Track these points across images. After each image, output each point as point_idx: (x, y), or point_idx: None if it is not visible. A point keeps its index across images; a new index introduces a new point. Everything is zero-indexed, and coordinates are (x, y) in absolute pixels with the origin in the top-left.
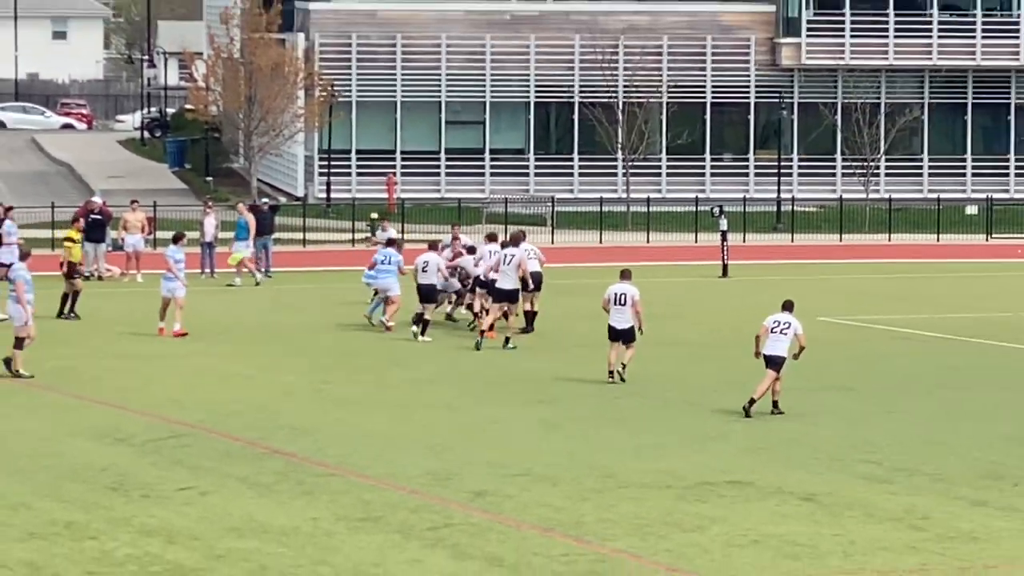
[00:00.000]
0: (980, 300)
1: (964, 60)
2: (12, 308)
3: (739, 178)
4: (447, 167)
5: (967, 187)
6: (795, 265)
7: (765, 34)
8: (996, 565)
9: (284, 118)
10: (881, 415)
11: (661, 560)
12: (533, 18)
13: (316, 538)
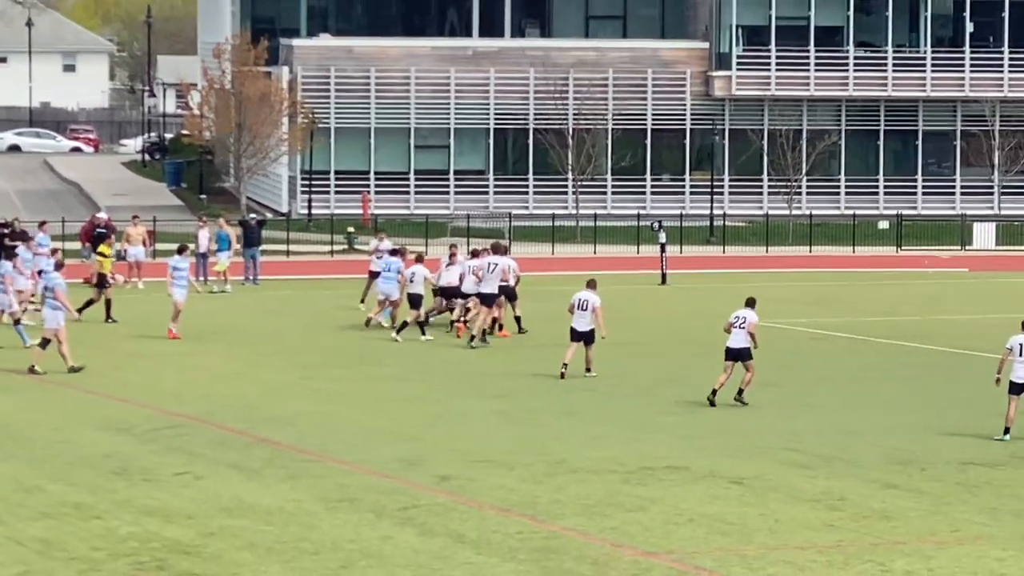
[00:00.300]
0: (891, 305)
1: (877, 91)
2: (48, 312)
3: (676, 196)
4: (416, 186)
5: (879, 204)
6: (726, 274)
7: (699, 68)
8: (905, 542)
9: (270, 142)
10: (802, 408)
11: (606, 537)
12: (493, 53)
13: (298, 517)
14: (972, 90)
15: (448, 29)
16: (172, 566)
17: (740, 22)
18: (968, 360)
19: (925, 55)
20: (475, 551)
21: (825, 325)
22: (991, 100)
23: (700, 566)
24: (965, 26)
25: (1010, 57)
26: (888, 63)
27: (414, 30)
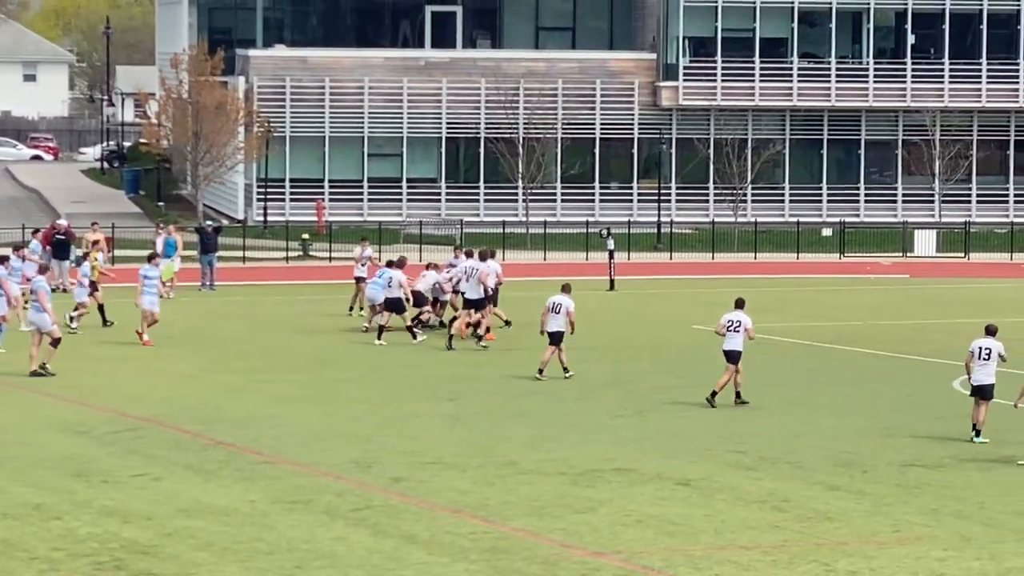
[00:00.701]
0: (834, 311)
1: (820, 101)
2: (34, 315)
3: (624, 204)
4: (369, 193)
5: (823, 212)
6: (673, 280)
7: (647, 78)
8: (847, 542)
9: (226, 150)
10: (748, 411)
11: (556, 537)
12: (445, 64)
13: (254, 518)
14: (913, 100)
15: (401, 40)
16: (130, 566)
17: (687, 33)
18: (909, 364)
19: (867, 66)
20: (427, 552)
21: (770, 330)
22: (932, 110)
23: (648, 566)
24: (907, 38)
25: (950, 68)
26: (831, 74)
27: (368, 41)
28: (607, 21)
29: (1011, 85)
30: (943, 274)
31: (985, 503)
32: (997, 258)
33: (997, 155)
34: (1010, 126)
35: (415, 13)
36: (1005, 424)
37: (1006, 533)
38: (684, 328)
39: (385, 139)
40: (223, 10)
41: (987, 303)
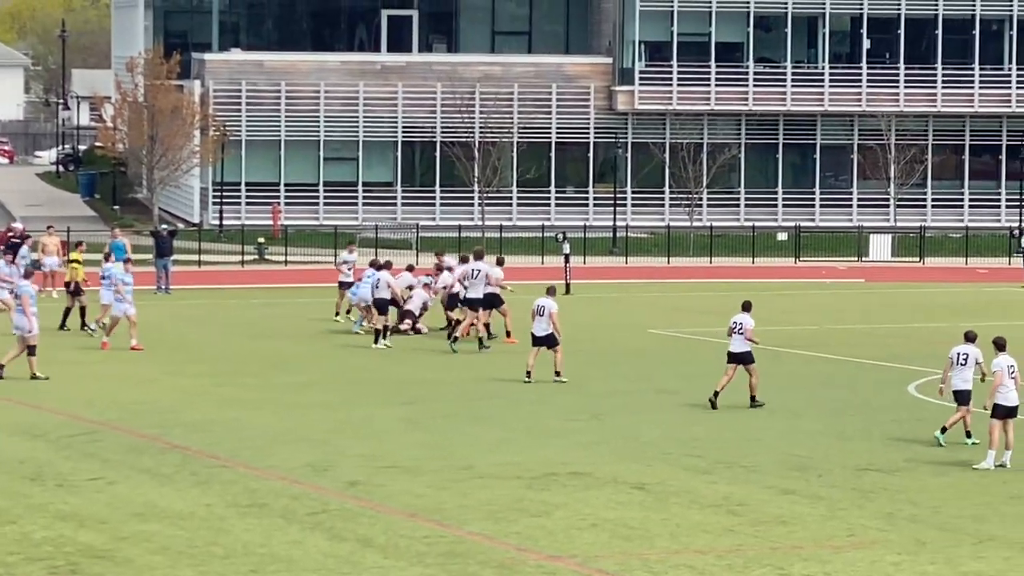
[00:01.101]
0: (789, 315)
1: (776, 106)
2: (18, 319)
3: (580, 208)
4: (325, 197)
5: (778, 216)
6: (629, 284)
7: (603, 83)
8: (802, 546)
9: (182, 154)
10: (703, 415)
11: (511, 541)
12: (401, 68)
13: (210, 522)
14: (869, 105)
15: (357, 44)
16: (85, 570)
17: (643, 38)
18: (864, 368)
19: (823, 71)
20: (383, 555)
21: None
22: (887, 115)
23: (603, 570)
24: (862, 43)
25: (905, 73)
26: (787, 78)
27: (324, 45)
28: (563, 25)
29: (966, 90)
30: (898, 278)
31: (940, 507)
32: (952, 262)
33: (952, 160)
34: (965, 131)
35: (371, 17)
36: (959, 428)
37: (961, 537)
38: (640, 332)
39: (341, 143)
40: (179, 14)
41: (942, 307)
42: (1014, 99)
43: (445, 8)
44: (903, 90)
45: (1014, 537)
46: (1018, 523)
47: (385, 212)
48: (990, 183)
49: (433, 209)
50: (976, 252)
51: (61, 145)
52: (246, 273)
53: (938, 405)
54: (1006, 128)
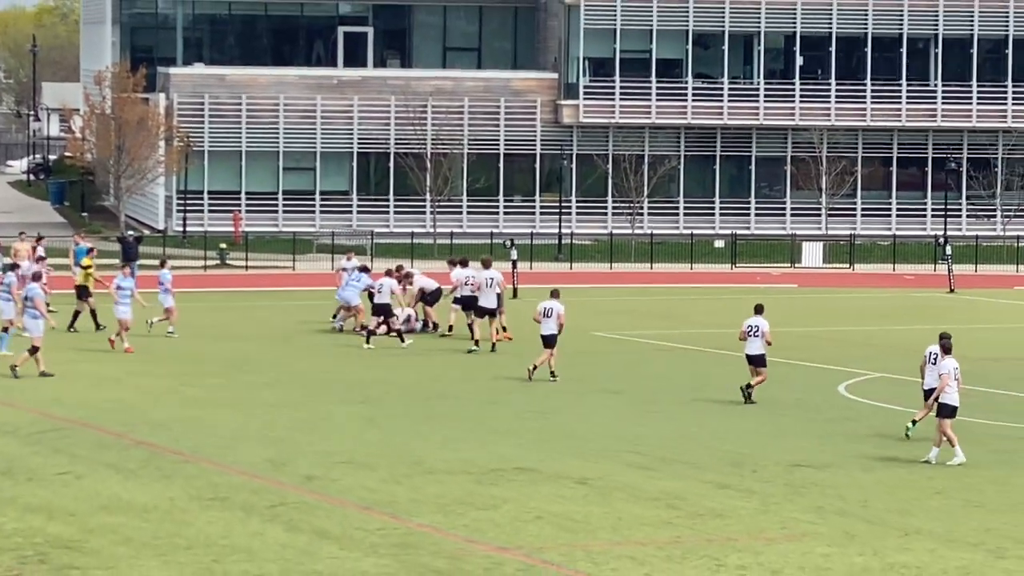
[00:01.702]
0: (726, 318)
1: (713, 119)
2: (29, 321)
3: (527, 216)
4: (284, 205)
5: (715, 225)
6: (573, 289)
7: (549, 97)
8: (737, 538)
9: (148, 164)
10: (644, 413)
11: (460, 533)
12: (356, 82)
13: (173, 514)
14: (802, 119)
15: (315, 59)
16: (54, 560)
17: (587, 54)
18: (797, 370)
19: (758, 86)
20: (339, 546)
21: (666, 337)
22: (819, 128)
23: (548, 561)
24: (795, 60)
25: (837, 88)
26: (724, 93)
27: (283, 60)
28: (511, 42)
29: (894, 105)
30: (829, 284)
31: (868, 502)
32: (880, 269)
33: (881, 171)
34: (893, 144)
35: (328, 33)
36: (887, 426)
37: (888, 530)
38: (583, 334)
39: (299, 153)
40: (145, 29)
41: (871, 312)
42: (939, 114)
43: (399, 25)
44: (834, 105)
45: (938, 530)
46: (942, 517)
47: (341, 220)
48: (917, 194)
49: (387, 217)
50: (903, 259)
51: (32, 155)
52: (209, 277)
53: (867, 404)
54: (932, 142)
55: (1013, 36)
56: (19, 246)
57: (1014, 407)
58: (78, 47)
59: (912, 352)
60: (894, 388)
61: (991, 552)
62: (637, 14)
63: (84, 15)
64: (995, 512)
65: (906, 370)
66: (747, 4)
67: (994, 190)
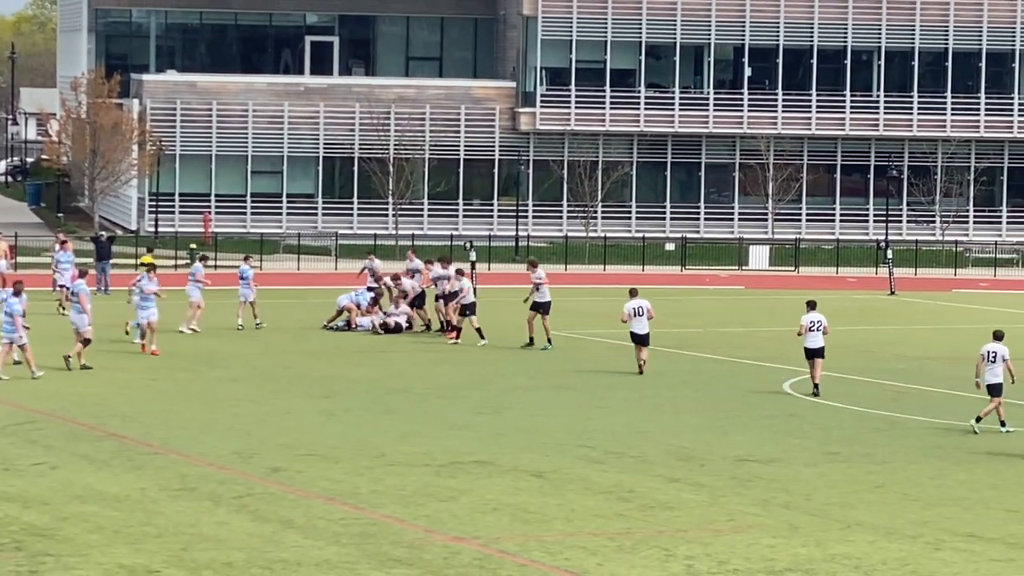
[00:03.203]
0: (676, 318)
1: (665, 127)
2: (75, 316)
3: (486, 219)
4: (252, 207)
5: (666, 228)
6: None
7: (507, 105)
8: (686, 530)
9: (121, 167)
10: (597, 409)
11: (420, 524)
12: (323, 89)
13: (143, 504)
14: (749, 127)
15: (283, 67)
16: (29, 547)
17: (544, 64)
18: (743, 368)
19: (708, 95)
20: (303, 535)
21: (617, 336)
22: (766, 136)
23: (504, 550)
24: (744, 70)
25: (783, 98)
26: (675, 102)
27: (252, 67)
28: (471, 52)
29: (837, 114)
30: (775, 286)
31: (811, 495)
32: (824, 271)
33: (825, 178)
34: (837, 152)
35: (296, 42)
36: (829, 423)
37: (830, 523)
38: (538, 332)
39: (267, 157)
40: (119, 37)
41: None
42: (882, 123)
43: (364, 35)
44: (781, 114)
45: (878, 523)
46: (882, 510)
47: (307, 221)
48: (859, 200)
49: (351, 219)
50: (846, 263)
51: (10, 157)
52: (179, 276)
53: (811, 402)
54: (874, 150)
55: (952, 49)
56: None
57: (949, 404)
58: (55, 54)
59: (855, 351)
60: (837, 386)
61: (928, 544)
62: (592, 26)
63: (61, 23)
64: (932, 506)
65: (849, 368)
66: (698, 17)
67: (933, 197)
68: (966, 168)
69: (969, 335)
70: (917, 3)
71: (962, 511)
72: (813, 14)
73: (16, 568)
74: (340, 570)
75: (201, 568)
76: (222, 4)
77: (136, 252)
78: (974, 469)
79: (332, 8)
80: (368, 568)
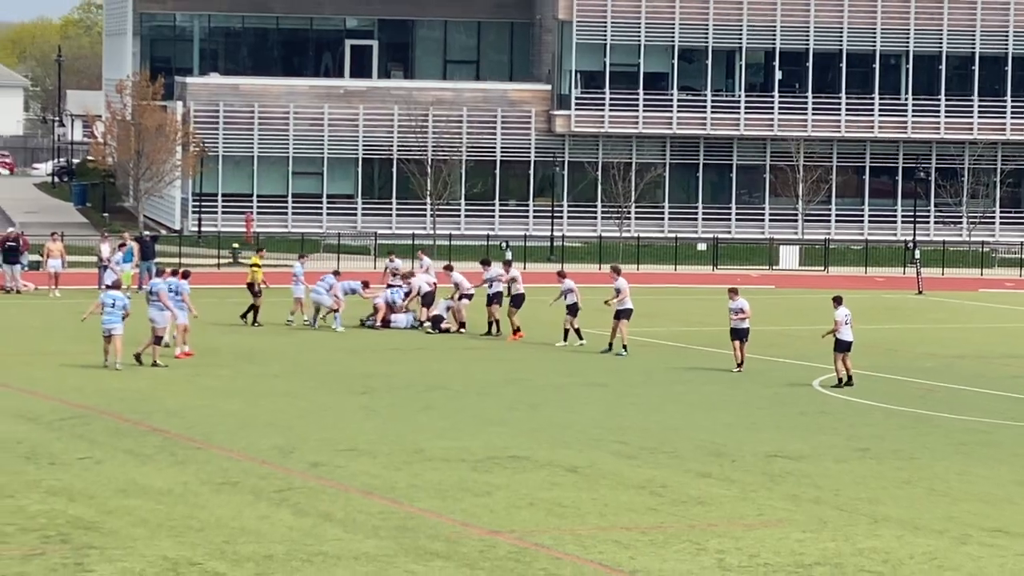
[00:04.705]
0: (707, 317)
1: (697, 130)
2: (156, 313)
3: (521, 219)
4: (293, 207)
5: (698, 228)
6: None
7: (543, 107)
8: (717, 524)
9: (165, 168)
10: (630, 406)
11: (457, 518)
12: (362, 92)
13: (186, 497)
14: (780, 130)
15: (323, 70)
16: (75, 539)
17: (579, 68)
18: (774, 366)
19: (739, 99)
20: (342, 529)
21: (651, 334)
22: (796, 139)
23: (539, 544)
24: (774, 74)
25: (813, 101)
26: (707, 105)
27: (293, 71)
28: (508, 55)
29: (866, 116)
30: (805, 285)
31: (840, 491)
32: (853, 271)
33: (854, 179)
34: (865, 153)
35: (336, 46)
36: (858, 420)
37: (858, 517)
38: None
39: (308, 159)
40: (164, 41)
41: None
42: (910, 126)
43: (402, 39)
44: (811, 116)
45: (905, 517)
46: (909, 505)
47: (347, 221)
48: (887, 201)
49: (390, 219)
50: (875, 262)
51: (56, 158)
52: (221, 275)
53: (840, 399)
54: (902, 152)
55: (980, 53)
56: (52, 246)
57: (977, 402)
58: (101, 57)
59: (883, 350)
60: (865, 384)
61: (955, 538)
62: (626, 30)
63: (106, 27)
64: (958, 501)
65: (878, 367)
66: (729, 21)
67: (960, 198)
68: (992, 170)
69: (996, 334)
70: (945, 7)
71: (988, 507)
72: (843, 19)
73: (62, 560)
74: (379, 563)
75: (243, 560)
76: (264, 8)
77: (180, 251)
78: (999, 466)
79: (372, 12)
80: (406, 561)
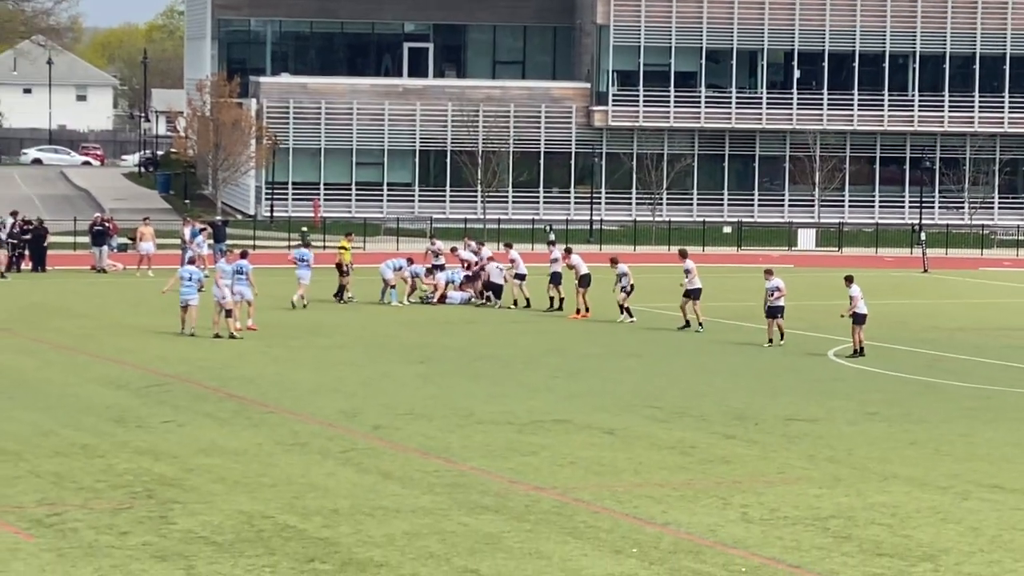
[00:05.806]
0: (733, 294)
1: (723, 123)
2: (216, 290)
3: (563, 205)
4: (356, 195)
5: (724, 213)
6: (603, 267)
7: (583, 103)
8: (741, 481)
9: (241, 159)
10: (661, 374)
11: (505, 475)
12: (419, 90)
13: (260, 457)
14: (798, 123)
15: (383, 70)
16: (159, 495)
17: (615, 67)
18: (792, 337)
19: (761, 95)
20: (401, 485)
21: (679, 309)
22: (813, 132)
23: (579, 499)
24: (793, 73)
25: (828, 97)
26: (732, 101)
27: (356, 71)
28: (551, 57)
29: (877, 111)
30: (821, 264)
31: (853, 451)
32: (865, 252)
33: (866, 169)
34: (876, 145)
35: (395, 48)
36: (869, 387)
37: (869, 475)
38: (609, 305)
39: (370, 150)
40: (239, 44)
41: None
42: (916, 120)
43: (455, 42)
44: (826, 111)
45: (913, 475)
46: (916, 464)
47: (405, 207)
48: (896, 188)
49: (444, 205)
50: (884, 244)
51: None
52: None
53: (853, 368)
54: (909, 143)
55: (980, 54)
56: (144, 229)
57: (980, 370)
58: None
59: (893, 322)
60: (877, 353)
61: (958, 494)
62: (658, 33)
63: (188, 32)
64: (961, 461)
65: (888, 338)
66: (752, 25)
67: (962, 185)
68: (992, 160)
69: (995, 309)
70: (948, 12)
71: (988, 465)
72: (855, 22)
73: (148, 513)
74: (434, 516)
75: (311, 514)
76: (330, 14)
77: (255, 234)
78: (999, 428)
79: (428, 18)
80: (459, 514)
